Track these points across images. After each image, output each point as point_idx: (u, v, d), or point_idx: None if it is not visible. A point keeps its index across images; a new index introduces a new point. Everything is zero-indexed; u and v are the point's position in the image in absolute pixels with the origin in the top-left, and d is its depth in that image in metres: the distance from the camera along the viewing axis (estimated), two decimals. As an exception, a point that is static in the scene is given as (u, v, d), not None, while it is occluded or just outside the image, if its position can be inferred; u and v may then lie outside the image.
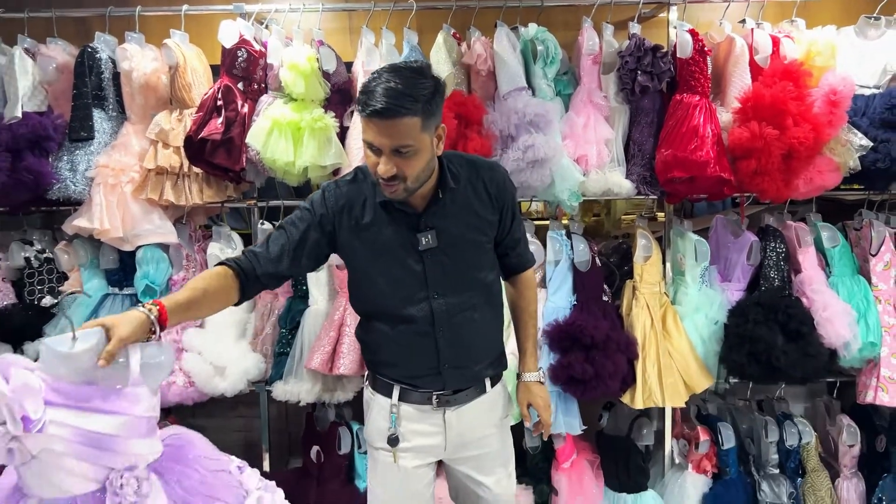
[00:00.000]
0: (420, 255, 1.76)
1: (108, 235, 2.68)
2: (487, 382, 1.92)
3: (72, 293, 2.87)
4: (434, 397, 1.85)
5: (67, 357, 1.23)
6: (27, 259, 2.85)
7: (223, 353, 2.76)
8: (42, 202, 2.75)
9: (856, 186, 2.93)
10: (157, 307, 1.44)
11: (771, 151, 2.50)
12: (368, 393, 1.96)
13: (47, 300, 2.85)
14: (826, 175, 2.63)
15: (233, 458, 1.46)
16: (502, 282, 2.02)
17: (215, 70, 2.81)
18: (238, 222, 3.45)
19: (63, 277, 2.89)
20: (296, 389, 2.76)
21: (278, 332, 2.87)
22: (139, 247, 2.76)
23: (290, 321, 2.86)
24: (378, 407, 1.91)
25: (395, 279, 1.78)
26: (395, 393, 1.86)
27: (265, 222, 2.94)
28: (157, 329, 1.40)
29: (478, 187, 1.80)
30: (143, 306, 1.42)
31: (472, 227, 1.80)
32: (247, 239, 3.02)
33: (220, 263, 1.72)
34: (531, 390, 1.98)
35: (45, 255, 2.86)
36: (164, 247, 2.82)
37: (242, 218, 3.44)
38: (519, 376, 2.03)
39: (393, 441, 1.85)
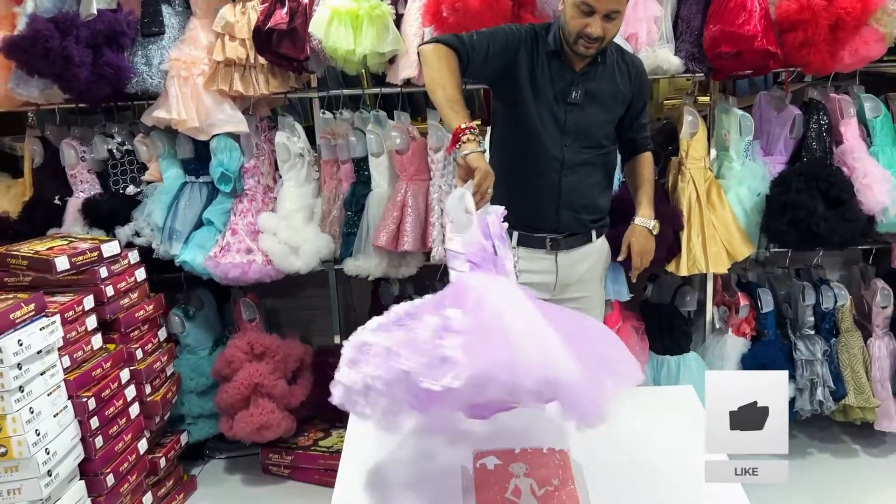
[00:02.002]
0: (566, 107, 2.07)
1: (185, 126, 2.86)
2: (594, 233, 2.23)
3: (151, 182, 3.09)
4: (548, 241, 2.16)
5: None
6: (110, 151, 3.05)
7: (296, 234, 2.98)
8: (121, 96, 2.94)
9: (898, 57, 2.99)
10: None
11: (818, 22, 2.58)
12: None
13: (131, 189, 3.07)
14: (872, 45, 2.70)
15: None
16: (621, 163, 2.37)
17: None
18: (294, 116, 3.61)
19: (143, 168, 3.10)
20: (365, 265, 2.98)
21: (344, 215, 3.08)
22: (213, 136, 2.94)
23: (355, 204, 3.06)
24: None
25: (544, 122, 2.07)
26: (515, 238, 2.16)
27: (326, 112, 3.10)
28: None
29: (622, 67, 2.13)
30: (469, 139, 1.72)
31: (610, 96, 2.11)
32: (309, 130, 3.19)
33: (447, 43, 1.92)
34: (636, 232, 2.23)
35: (125, 148, 3.06)
36: (235, 136, 3.00)
37: (297, 112, 3.59)
38: (632, 220, 2.26)
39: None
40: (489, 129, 2.28)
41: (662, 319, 3.13)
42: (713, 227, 2.93)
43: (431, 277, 3.26)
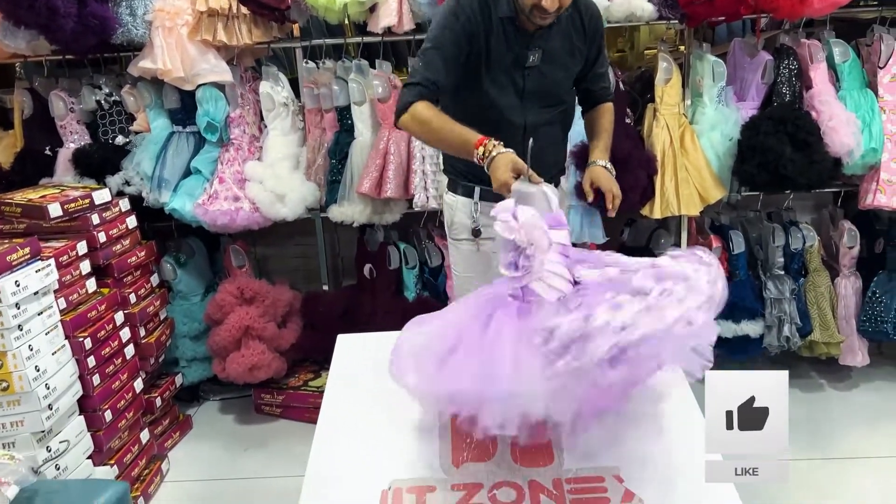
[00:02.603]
0: (524, 72, 2.00)
1: (171, 76, 2.93)
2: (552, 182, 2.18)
3: (139, 132, 3.16)
4: None
5: (529, 194, 1.61)
6: (98, 102, 3.12)
7: (282, 182, 3.07)
8: (106, 48, 3.00)
9: (870, 3, 3.05)
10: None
11: (787, -33, 2.64)
12: (450, 197, 2.22)
13: (120, 139, 3.15)
14: (840, -10, 2.76)
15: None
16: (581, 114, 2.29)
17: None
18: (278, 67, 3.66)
19: (131, 119, 3.17)
20: (349, 211, 3.08)
21: (329, 163, 3.16)
22: (198, 86, 3.01)
23: (339, 153, 3.14)
24: (461, 206, 2.18)
25: (503, 89, 2.01)
26: (476, 193, 2.12)
27: (309, 61, 3.16)
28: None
29: (575, 18, 2.03)
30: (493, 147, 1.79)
31: (568, 53, 2.05)
32: (293, 83, 3.25)
33: (416, 100, 1.91)
34: (597, 172, 2.10)
35: (113, 98, 3.13)
36: (220, 86, 3.06)
37: (281, 64, 3.64)
38: (588, 164, 2.16)
39: (476, 233, 2.15)
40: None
41: (638, 262, 3.24)
42: (686, 171, 3.02)
43: (415, 224, 3.37)
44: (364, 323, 3.19)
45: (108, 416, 2.59)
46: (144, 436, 2.85)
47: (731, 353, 3.22)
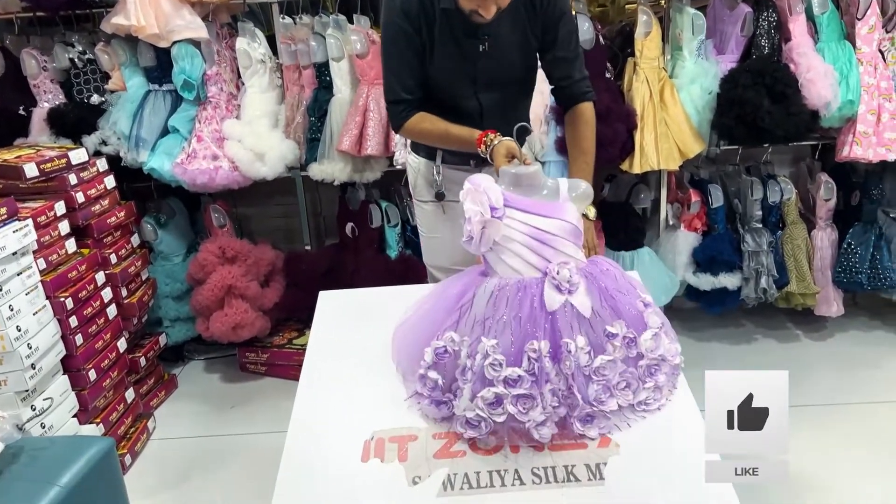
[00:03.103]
0: (475, 59, 1.93)
1: (145, 32, 2.87)
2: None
3: (115, 91, 3.12)
4: (472, 161, 2.05)
5: (517, 175, 1.59)
6: (72, 60, 3.06)
7: (261, 140, 3.05)
8: (78, 4, 2.94)
9: (849, -46, 3.03)
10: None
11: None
12: (413, 158, 2.21)
13: (95, 98, 3.10)
14: (819, -61, 2.75)
15: (639, 293, 1.60)
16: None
17: None
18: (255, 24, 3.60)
19: (106, 77, 3.12)
20: (329, 169, 3.07)
21: (308, 121, 3.13)
22: (173, 44, 2.96)
23: (318, 110, 3.11)
24: (424, 168, 2.17)
25: (457, 76, 1.95)
26: (439, 156, 2.11)
27: (285, 17, 3.12)
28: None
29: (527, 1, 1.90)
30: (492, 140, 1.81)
31: (520, 34, 1.93)
32: (270, 40, 3.20)
33: (405, 121, 1.98)
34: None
35: (87, 57, 3.08)
36: (196, 43, 3.01)
37: (258, 20, 3.58)
38: None
39: (440, 196, 2.15)
40: None
41: (618, 217, 3.27)
42: (666, 125, 3.03)
43: (396, 182, 3.37)
44: (347, 281, 3.20)
45: (93, 375, 2.61)
46: (130, 395, 2.87)
47: (709, 306, 3.28)
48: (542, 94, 2.85)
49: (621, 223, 3.25)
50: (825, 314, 3.29)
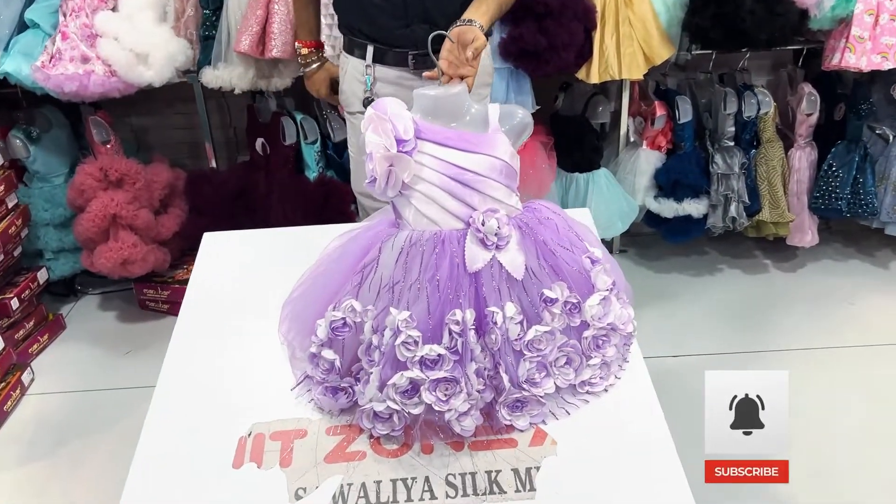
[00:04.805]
0: None
1: None
2: None
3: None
4: (410, 58, 1.75)
5: (435, 99, 1.29)
6: None
7: (143, 38, 2.51)
8: None
9: None
10: None
11: None
12: (343, 57, 1.88)
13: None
14: None
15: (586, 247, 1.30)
16: None
17: None
18: None
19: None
20: (226, 75, 2.57)
21: (201, 14, 2.61)
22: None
23: (213, 1, 2.59)
24: (353, 69, 1.84)
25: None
26: (370, 53, 1.78)
27: None
28: None
29: None
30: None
31: None
32: None
33: None
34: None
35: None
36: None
37: None
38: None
39: (367, 103, 1.73)
40: None
41: (572, 133, 2.84)
42: (629, 26, 2.58)
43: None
44: (259, 207, 2.79)
45: (-61, 327, 2.18)
46: (-2, 343, 2.45)
47: (671, 235, 2.93)
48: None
49: (576, 141, 2.83)
50: (798, 244, 2.97)
